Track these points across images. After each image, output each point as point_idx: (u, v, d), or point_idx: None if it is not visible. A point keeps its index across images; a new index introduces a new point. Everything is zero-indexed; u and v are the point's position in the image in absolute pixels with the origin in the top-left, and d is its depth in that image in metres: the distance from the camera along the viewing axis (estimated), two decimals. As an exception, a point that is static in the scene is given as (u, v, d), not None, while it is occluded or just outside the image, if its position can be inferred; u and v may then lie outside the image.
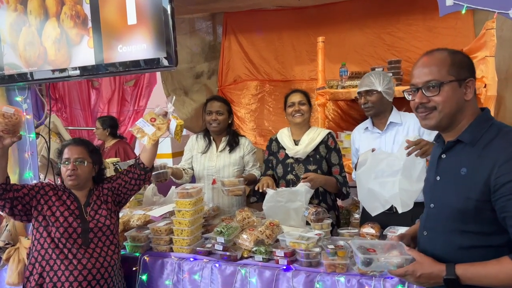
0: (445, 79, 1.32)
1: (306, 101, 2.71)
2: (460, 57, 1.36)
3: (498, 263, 1.26)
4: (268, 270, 2.13)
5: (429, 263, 1.36)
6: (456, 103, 1.34)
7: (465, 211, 1.32)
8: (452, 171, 1.36)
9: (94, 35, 2.16)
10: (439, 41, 3.81)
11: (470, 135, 1.34)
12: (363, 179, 2.37)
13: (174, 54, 1.97)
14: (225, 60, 4.56)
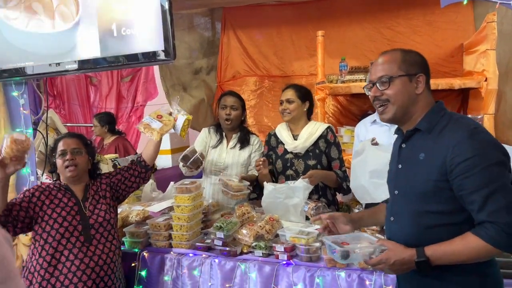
0: (396, 74, 1.46)
1: (296, 97, 2.66)
2: (412, 55, 1.49)
3: (462, 239, 1.34)
4: (268, 265, 2.11)
5: (401, 249, 1.43)
6: (408, 96, 1.46)
7: (426, 192, 1.41)
8: (412, 158, 1.47)
9: (90, 28, 2.14)
10: (439, 35, 3.79)
11: (426, 123, 1.45)
12: (358, 172, 2.37)
13: (172, 47, 1.95)
14: (224, 55, 4.54)
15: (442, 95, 3.75)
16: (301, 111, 2.70)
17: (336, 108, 4.08)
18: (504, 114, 3.48)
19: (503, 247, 1.30)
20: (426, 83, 1.47)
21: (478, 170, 1.30)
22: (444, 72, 3.74)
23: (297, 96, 2.67)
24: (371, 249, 1.50)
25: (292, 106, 2.66)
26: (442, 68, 3.78)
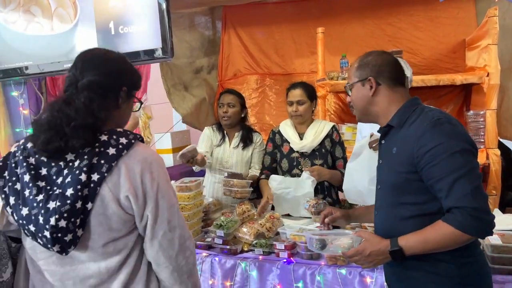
0: (351, 81, 1.59)
1: (306, 97, 2.63)
2: (368, 59, 1.56)
3: (433, 227, 1.36)
4: (269, 263, 2.11)
5: (377, 240, 1.47)
6: (363, 100, 1.56)
7: (398, 184, 1.46)
8: (388, 153, 1.53)
9: (88, 28, 2.14)
10: (441, 31, 3.76)
11: (397, 119, 1.51)
12: (354, 175, 2.32)
13: (170, 44, 1.94)
14: (225, 54, 4.52)
15: (445, 91, 3.73)
16: (310, 111, 2.69)
17: (338, 106, 4.06)
18: (507, 110, 3.45)
19: (471, 232, 1.31)
20: (385, 83, 1.52)
21: (442, 158, 1.33)
22: (447, 68, 3.71)
23: (307, 96, 2.65)
24: (349, 241, 1.55)
25: (303, 107, 2.63)
26: (444, 64, 3.75)
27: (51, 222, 1.10)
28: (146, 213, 1.20)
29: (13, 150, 1.21)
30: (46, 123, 1.15)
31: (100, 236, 1.17)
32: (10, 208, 1.16)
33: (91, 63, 1.23)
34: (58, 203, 1.11)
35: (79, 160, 1.14)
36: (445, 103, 3.71)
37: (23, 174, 1.15)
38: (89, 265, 1.19)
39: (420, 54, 3.80)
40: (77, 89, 1.20)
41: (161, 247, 1.23)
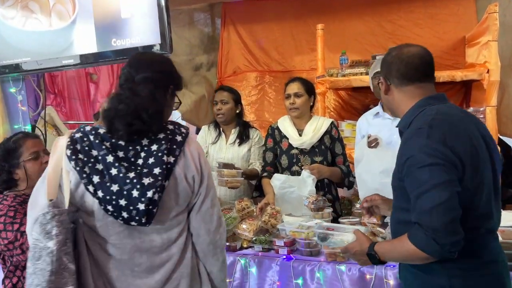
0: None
1: (304, 91, 2.62)
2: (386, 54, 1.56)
3: (400, 240, 1.35)
4: (268, 260, 2.10)
5: (363, 241, 1.49)
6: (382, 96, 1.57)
7: (396, 187, 1.46)
8: None
9: (87, 24, 2.13)
10: (441, 28, 3.75)
11: (403, 122, 1.48)
12: (365, 178, 2.33)
13: (169, 40, 1.93)
14: (224, 51, 4.50)
15: (445, 88, 3.71)
16: (307, 106, 2.67)
17: (338, 103, 4.04)
18: (507, 107, 3.44)
19: (427, 251, 1.25)
20: (393, 82, 1.49)
21: (412, 171, 1.31)
22: (447, 65, 3.69)
23: (305, 89, 2.63)
24: (350, 237, 1.59)
25: (300, 100, 2.62)
26: (444, 61, 3.73)
27: (148, 195, 1.26)
28: (200, 190, 1.40)
29: (77, 136, 1.31)
30: (125, 109, 1.28)
31: (169, 211, 1.35)
32: (93, 186, 1.26)
33: (145, 62, 1.39)
34: (152, 179, 1.27)
35: (156, 145, 1.32)
36: (445, 100, 3.70)
37: (104, 155, 1.28)
38: (153, 237, 1.34)
39: (420, 51, 3.78)
40: (134, 83, 1.34)
41: (204, 221, 1.42)
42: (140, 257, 1.33)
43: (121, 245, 1.32)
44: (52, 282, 1.16)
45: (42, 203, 1.26)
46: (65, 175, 1.27)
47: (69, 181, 1.27)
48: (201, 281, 1.45)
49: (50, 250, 1.18)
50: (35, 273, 1.16)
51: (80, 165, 1.27)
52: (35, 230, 1.19)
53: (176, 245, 1.38)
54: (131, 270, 1.33)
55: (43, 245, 1.18)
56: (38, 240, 1.18)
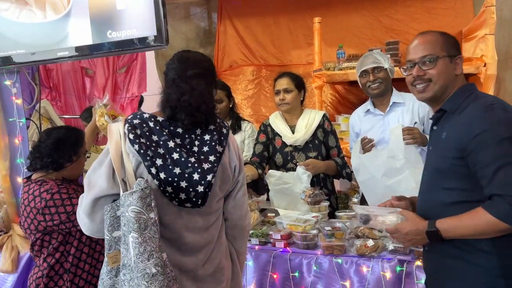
0: (439, 54, 1.49)
1: (293, 86, 2.60)
2: (450, 36, 1.53)
3: (471, 213, 1.34)
4: (265, 253, 2.10)
5: (417, 220, 1.46)
6: (448, 77, 1.49)
7: (443, 169, 1.45)
8: (438, 138, 1.50)
9: (82, 16, 2.10)
10: (438, 22, 3.74)
11: (450, 104, 1.48)
12: (370, 186, 2.34)
13: (165, 32, 1.91)
14: (221, 45, 4.49)
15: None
16: (298, 101, 2.65)
17: (334, 97, 4.04)
18: (503, 101, 3.44)
19: (509, 221, 1.26)
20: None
21: (489, 144, 1.31)
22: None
23: (294, 85, 2.61)
24: (394, 218, 1.53)
25: (290, 96, 2.59)
26: (441, 56, 3.73)
27: (208, 178, 1.38)
28: (239, 179, 1.56)
29: (136, 122, 1.39)
30: (187, 101, 1.39)
31: (214, 196, 1.46)
32: (156, 168, 1.35)
33: (193, 60, 1.50)
34: (210, 165, 1.39)
35: (208, 135, 1.45)
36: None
37: (165, 141, 1.38)
38: (196, 218, 1.45)
39: (417, 45, 3.78)
40: (187, 78, 1.44)
41: (237, 206, 1.57)
42: (186, 236, 1.44)
43: (172, 225, 1.42)
44: (160, 246, 1.29)
45: (102, 184, 1.36)
46: (126, 157, 1.37)
47: (130, 163, 1.37)
48: (232, 260, 1.61)
49: (153, 220, 1.30)
50: (145, 241, 1.26)
51: (143, 148, 1.35)
52: (135, 205, 1.27)
53: (214, 227, 1.51)
54: (178, 249, 1.44)
55: (146, 216, 1.28)
56: (141, 213, 1.28)
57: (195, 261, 1.45)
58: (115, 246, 1.35)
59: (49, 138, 2.03)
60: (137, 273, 1.25)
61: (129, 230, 1.27)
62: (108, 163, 1.38)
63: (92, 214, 1.38)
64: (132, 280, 1.25)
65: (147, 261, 1.25)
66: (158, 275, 1.25)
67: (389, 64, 2.48)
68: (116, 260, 1.34)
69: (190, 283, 1.44)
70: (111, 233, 1.34)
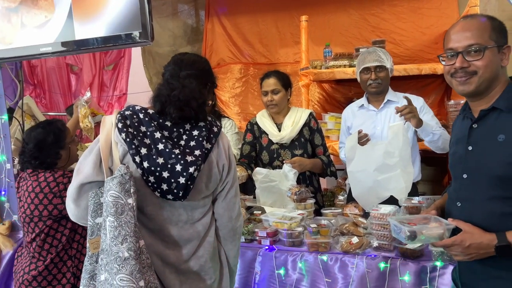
0: (488, 44, 1.32)
1: (281, 86, 2.59)
2: (499, 23, 1.36)
3: None
4: (251, 251, 2.10)
5: (479, 233, 1.31)
6: (495, 69, 1.34)
7: (504, 176, 1.28)
8: (487, 139, 1.33)
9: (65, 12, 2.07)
10: (424, 22, 3.79)
11: (506, 102, 1.32)
12: (359, 176, 2.35)
13: (150, 28, 1.89)
14: (208, 43, 4.47)
15: (428, 81, 3.76)
16: (286, 100, 2.65)
17: (321, 96, 4.05)
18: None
19: None
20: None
21: None
22: (429, 59, 3.73)
23: (281, 84, 2.61)
24: (440, 230, 1.39)
25: (278, 97, 2.59)
26: (426, 55, 3.77)
27: (190, 170, 1.38)
28: (228, 179, 1.55)
29: (127, 113, 1.43)
30: (177, 96, 1.43)
31: (199, 192, 1.47)
32: (140, 157, 1.38)
33: (187, 62, 1.56)
34: (193, 158, 1.40)
35: (197, 131, 1.47)
36: (427, 93, 3.74)
37: (152, 132, 1.41)
38: (180, 211, 1.47)
39: (403, 44, 3.82)
40: (180, 78, 1.49)
41: (228, 207, 1.57)
42: (169, 229, 1.45)
43: (155, 216, 1.44)
44: (136, 232, 1.30)
45: (87, 171, 1.39)
46: (114, 146, 1.40)
47: (118, 152, 1.40)
48: (221, 262, 1.60)
49: (131, 205, 1.32)
50: (120, 225, 1.28)
51: (130, 137, 1.38)
52: (114, 190, 1.30)
53: (200, 223, 1.51)
54: (162, 240, 1.45)
55: (124, 201, 1.31)
56: (119, 198, 1.30)
57: (178, 255, 1.46)
58: (97, 232, 1.37)
59: (30, 141, 2.06)
60: (110, 257, 1.26)
61: (106, 214, 1.30)
62: (96, 151, 1.41)
63: (77, 200, 1.41)
64: (108, 264, 1.27)
65: (121, 245, 1.26)
66: (130, 259, 1.26)
67: (390, 63, 2.49)
68: (97, 246, 1.36)
69: (174, 276, 1.45)
70: (94, 219, 1.37)
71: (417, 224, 1.44)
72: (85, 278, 1.39)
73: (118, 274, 1.24)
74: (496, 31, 1.33)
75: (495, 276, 1.32)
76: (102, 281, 1.27)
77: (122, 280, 1.24)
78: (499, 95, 1.34)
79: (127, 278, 1.24)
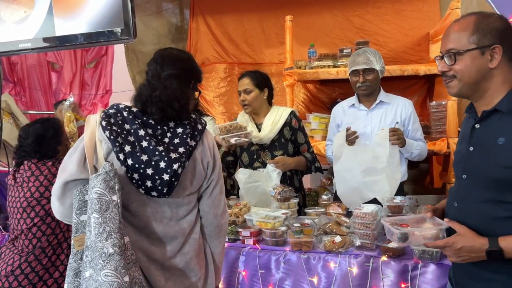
0: (464, 48, 1.30)
1: (253, 86, 2.58)
2: (490, 21, 1.31)
3: None
4: (234, 251, 2.09)
5: (471, 236, 1.30)
6: (477, 72, 1.30)
7: (503, 180, 1.26)
8: (488, 141, 1.32)
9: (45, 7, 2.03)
10: (406, 24, 3.84)
11: (508, 104, 1.29)
12: (345, 175, 2.36)
13: (133, 25, 1.87)
14: (193, 42, 4.44)
15: (411, 82, 3.81)
16: (261, 100, 2.63)
17: (306, 96, 4.07)
18: (467, 102, 3.53)
19: None
20: (506, 54, 1.29)
21: None
22: (411, 61, 3.79)
23: (254, 84, 2.59)
24: (433, 231, 1.39)
25: (251, 96, 2.58)
26: (409, 57, 3.83)
27: (174, 167, 1.39)
28: (213, 176, 1.57)
29: (111, 111, 1.43)
30: (158, 96, 1.43)
31: (183, 189, 1.48)
32: (124, 154, 1.38)
33: (169, 60, 1.52)
34: (177, 155, 1.41)
35: (181, 128, 1.47)
36: (410, 94, 3.79)
37: (136, 129, 1.41)
38: (164, 208, 1.47)
39: (386, 46, 3.87)
40: (161, 79, 1.48)
41: (213, 205, 1.58)
42: (154, 226, 1.46)
43: (140, 213, 1.45)
44: (120, 228, 1.31)
45: (72, 169, 1.40)
46: (98, 144, 1.41)
47: (102, 150, 1.40)
48: (206, 259, 1.61)
49: (115, 202, 1.32)
50: (105, 222, 1.29)
51: (114, 135, 1.39)
52: (98, 187, 1.30)
53: (185, 221, 1.51)
54: (147, 237, 1.46)
55: (108, 198, 1.31)
56: (104, 195, 1.31)
57: (163, 252, 1.47)
58: (82, 230, 1.37)
59: (28, 136, 2.12)
60: (95, 253, 1.27)
61: (91, 211, 1.30)
62: (81, 149, 1.42)
63: (62, 197, 1.41)
64: (93, 261, 1.27)
65: (105, 241, 1.27)
66: (115, 255, 1.27)
67: (380, 64, 2.48)
68: (82, 243, 1.37)
69: (159, 272, 1.46)
70: (78, 217, 1.37)
71: (410, 226, 1.44)
72: (69, 275, 1.38)
73: (103, 270, 1.25)
74: (481, 32, 1.29)
75: (488, 278, 1.32)
76: (87, 277, 1.27)
77: (107, 276, 1.25)
78: (503, 97, 1.30)
79: (111, 273, 1.25)
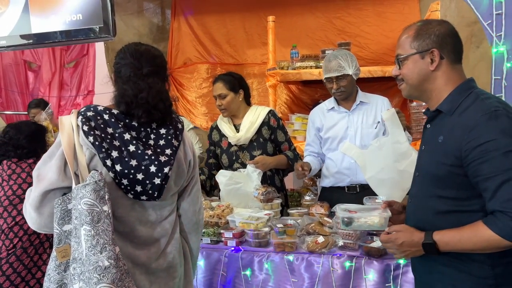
0: (406, 53, 1.40)
1: (227, 90, 2.56)
2: (429, 27, 1.39)
3: (471, 227, 1.28)
4: (216, 253, 2.07)
5: (412, 231, 1.39)
6: (419, 74, 1.40)
7: (440, 176, 1.35)
8: (432, 140, 1.40)
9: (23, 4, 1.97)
10: (387, 26, 3.88)
11: (448, 105, 1.37)
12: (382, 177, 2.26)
13: (112, 23, 1.83)
14: (174, 42, 4.39)
15: (391, 84, 3.84)
16: (237, 102, 2.61)
17: (288, 97, 4.07)
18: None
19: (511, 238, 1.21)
20: (448, 57, 1.36)
21: (493, 156, 1.21)
22: (392, 62, 3.73)
23: (228, 88, 2.57)
24: (376, 219, 1.53)
25: (226, 101, 2.57)
26: (390, 58, 3.86)
27: (165, 171, 1.38)
28: (193, 174, 1.57)
29: (89, 114, 1.35)
30: (145, 98, 1.38)
31: (168, 190, 1.45)
32: (111, 160, 1.33)
33: (147, 56, 1.45)
34: (166, 158, 1.40)
35: (164, 129, 1.44)
36: (391, 95, 3.82)
37: (121, 133, 1.36)
38: (149, 211, 1.45)
39: (367, 47, 3.90)
40: (143, 76, 1.41)
41: (192, 202, 1.57)
42: (139, 230, 1.43)
43: (125, 218, 1.41)
44: (113, 239, 1.27)
45: (52, 177, 1.33)
46: (79, 150, 1.34)
47: (84, 156, 1.34)
48: (185, 257, 1.60)
49: (107, 213, 1.28)
50: (98, 234, 1.25)
51: (98, 140, 1.32)
52: (88, 197, 1.26)
53: (167, 221, 1.50)
54: (131, 242, 1.42)
55: (99, 209, 1.27)
56: (94, 205, 1.26)
57: (148, 254, 1.45)
58: (65, 240, 1.32)
59: (21, 131, 2.16)
60: (88, 266, 1.23)
61: (81, 223, 1.25)
62: (59, 156, 1.35)
63: (40, 207, 1.34)
64: (83, 274, 1.23)
65: (100, 254, 1.24)
66: (111, 267, 1.24)
67: (354, 68, 2.42)
68: (66, 254, 1.32)
69: (144, 276, 1.43)
70: (61, 227, 1.32)
71: (357, 213, 1.60)
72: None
73: (99, 284, 1.21)
74: (419, 38, 1.38)
75: (439, 271, 1.39)
76: None
77: None
78: (444, 98, 1.38)
79: (109, 287, 1.22)
